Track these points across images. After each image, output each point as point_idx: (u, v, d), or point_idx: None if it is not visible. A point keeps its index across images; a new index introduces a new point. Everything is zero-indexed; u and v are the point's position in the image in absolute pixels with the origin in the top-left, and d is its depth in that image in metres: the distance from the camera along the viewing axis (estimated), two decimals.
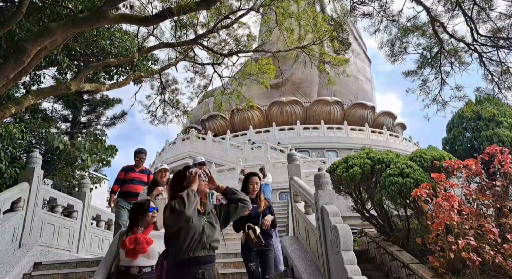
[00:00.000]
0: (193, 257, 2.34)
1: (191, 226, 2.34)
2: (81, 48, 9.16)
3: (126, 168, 6.49)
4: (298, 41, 11.35)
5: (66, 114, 15.71)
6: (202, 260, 2.37)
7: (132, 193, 6.11)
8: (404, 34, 9.28)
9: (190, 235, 2.34)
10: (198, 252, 2.36)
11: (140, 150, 6.52)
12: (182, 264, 2.33)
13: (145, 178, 6.40)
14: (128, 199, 6.13)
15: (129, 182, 6.29)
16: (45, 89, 7.46)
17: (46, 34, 5.97)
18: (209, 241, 2.41)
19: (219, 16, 9.77)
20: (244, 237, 4.24)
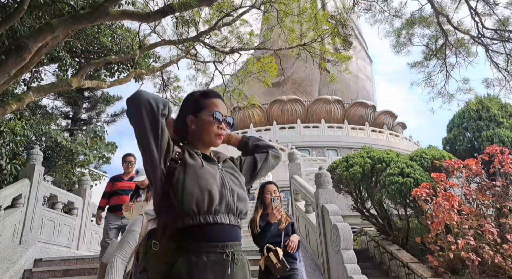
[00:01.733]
0: (212, 223, 1.31)
1: (201, 172, 1.37)
2: (82, 45, 9.15)
3: (113, 178, 5.69)
4: (300, 39, 11.33)
5: (67, 111, 15.72)
6: (228, 232, 1.35)
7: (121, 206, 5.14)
8: (409, 26, 9.26)
9: (202, 188, 1.33)
10: (221, 217, 1.34)
11: (128, 153, 5.70)
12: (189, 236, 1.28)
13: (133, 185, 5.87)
14: (118, 213, 5.21)
15: (116, 194, 5.40)
16: (46, 86, 7.46)
17: (48, 30, 5.96)
18: (235, 200, 1.40)
19: (221, 13, 9.75)
20: (264, 262, 3.32)
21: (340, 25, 11.18)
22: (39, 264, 6.50)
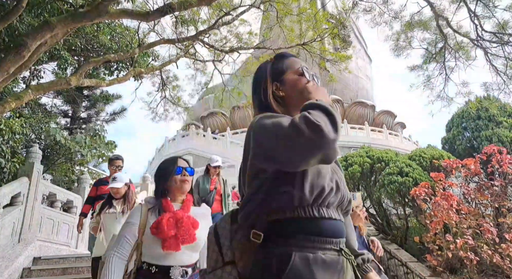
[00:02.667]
0: (326, 217, 1.13)
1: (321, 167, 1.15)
2: (82, 43, 9.14)
3: (98, 181, 5.28)
4: (299, 38, 11.33)
5: (66, 109, 15.71)
6: (340, 228, 1.18)
7: None
8: (408, 29, 9.28)
9: (323, 175, 1.15)
10: (333, 211, 1.17)
11: (116, 156, 5.27)
12: (301, 229, 1.09)
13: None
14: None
15: (101, 199, 4.77)
16: (45, 84, 7.45)
17: (46, 28, 5.95)
18: (346, 197, 1.23)
19: (220, 13, 9.73)
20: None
21: (340, 25, 11.18)
22: (38, 262, 6.50)
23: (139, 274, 1.84)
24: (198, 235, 1.91)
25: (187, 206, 2.03)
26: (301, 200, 1.10)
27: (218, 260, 1.15)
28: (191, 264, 1.94)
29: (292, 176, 1.10)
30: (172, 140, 28.59)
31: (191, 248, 1.93)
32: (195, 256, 1.99)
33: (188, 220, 1.90)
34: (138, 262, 1.88)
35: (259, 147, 1.11)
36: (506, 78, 8.80)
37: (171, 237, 1.82)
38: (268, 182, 1.13)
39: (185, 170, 2.09)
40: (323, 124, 0.99)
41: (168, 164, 2.13)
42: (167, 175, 2.08)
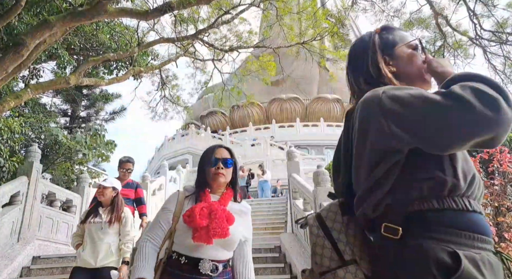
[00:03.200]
0: (477, 212, 0.96)
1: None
2: (81, 42, 9.12)
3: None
4: (299, 37, 11.31)
5: (65, 108, 15.70)
6: (488, 225, 1.01)
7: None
8: (408, 27, 9.28)
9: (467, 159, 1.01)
10: (479, 206, 1.00)
11: (127, 159, 4.97)
12: (441, 223, 0.91)
13: (131, 193, 4.90)
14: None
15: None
16: (44, 83, 7.44)
17: (45, 27, 5.94)
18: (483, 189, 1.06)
19: (220, 11, 9.72)
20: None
21: (339, 24, 11.17)
22: (37, 262, 6.50)
23: (168, 263, 1.76)
24: (232, 231, 1.76)
25: (224, 199, 1.89)
26: (454, 189, 0.92)
27: (333, 258, 0.98)
28: (223, 260, 1.81)
29: (438, 159, 0.92)
30: (172, 139, 28.58)
31: (224, 244, 1.78)
32: (228, 254, 1.85)
33: (223, 213, 1.76)
34: (169, 251, 1.79)
35: (398, 122, 0.90)
36: (505, 77, 8.80)
37: (203, 228, 1.69)
38: (402, 167, 0.94)
39: (221, 162, 1.92)
40: (500, 99, 0.82)
41: (205, 154, 2.00)
42: (204, 165, 1.97)
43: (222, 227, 1.70)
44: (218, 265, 1.77)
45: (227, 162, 1.95)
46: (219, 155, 1.95)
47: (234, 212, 1.84)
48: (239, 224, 1.85)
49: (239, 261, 1.93)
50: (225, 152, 2.00)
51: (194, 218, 1.69)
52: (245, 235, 1.94)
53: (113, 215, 3.53)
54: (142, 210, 5.05)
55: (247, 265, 1.93)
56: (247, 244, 1.96)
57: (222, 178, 1.92)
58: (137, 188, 5.03)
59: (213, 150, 1.99)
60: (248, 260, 1.95)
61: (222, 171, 1.92)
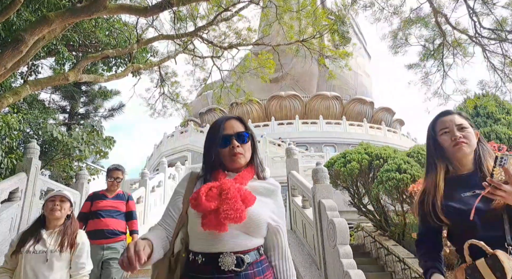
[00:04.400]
0: None
1: None
2: (80, 39, 9.09)
3: (93, 195, 4.40)
4: (298, 35, 11.30)
5: (64, 105, 15.66)
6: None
7: (105, 232, 4.03)
8: (407, 25, 9.29)
9: None
10: None
11: (115, 166, 4.48)
12: None
13: (122, 206, 4.37)
14: (98, 242, 3.93)
15: (97, 216, 4.12)
16: (43, 80, 7.41)
17: (44, 23, 5.92)
18: None
19: (219, 8, 9.69)
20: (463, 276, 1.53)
21: (339, 21, 11.16)
22: None
23: (187, 266, 1.45)
24: (252, 213, 1.40)
25: (242, 177, 1.50)
26: None
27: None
28: (250, 249, 1.42)
29: None
30: (171, 136, 28.57)
31: (246, 229, 1.41)
32: (256, 240, 1.45)
33: (238, 192, 1.39)
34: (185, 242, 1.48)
35: None
36: (504, 75, 8.81)
37: (211, 211, 1.35)
38: None
39: (235, 138, 1.53)
40: None
41: (212, 132, 1.58)
42: (211, 149, 1.55)
43: (235, 208, 1.33)
44: (244, 256, 1.39)
45: (244, 137, 1.55)
46: (230, 129, 1.55)
47: (256, 192, 1.48)
48: (263, 205, 1.48)
49: (272, 251, 1.53)
50: (237, 123, 1.59)
51: (200, 200, 1.35)
52: (275, 218, 1.51)
53: (64, 239, 2.59)
54: (133, 226, 4.36)
55: (284, 256, 1.53)
56: (280, 230, 1.53)
57: (241, 159, 1.52)
58: (128, 200, 4.45)
59: (219, 125, 1.56)
60: (284, 249, 1.54)
61: (240, 150, 1.52)
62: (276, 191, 1.59)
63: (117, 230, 4.11)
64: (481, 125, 14.73)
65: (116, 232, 4.09)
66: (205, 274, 1.36)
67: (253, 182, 1.55)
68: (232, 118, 1.62)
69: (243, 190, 1.41)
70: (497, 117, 14.62)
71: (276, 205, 1.55)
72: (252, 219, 1.40)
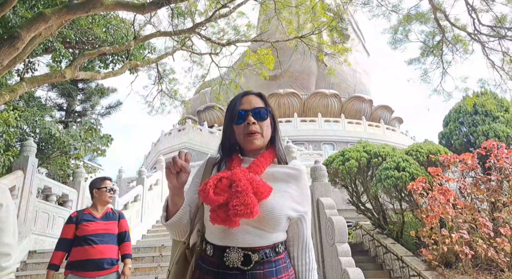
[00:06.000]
0: None
1: None
2: (76, 36, 9.02)
3: (77, 216, 3.50)
4: (297, 31, 11.25)
5: (61, 102, 15.59)
6: None
7: (99, 262, 3.28)
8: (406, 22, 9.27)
9: None
10: None
11: (103, 177, 3.76)
12: None
13: (114, 227, 3.55)
14: (90, 275, 3.23)
15: (88, 241, 3.33)
16: (40, 77, 7.35)
17: (41, 20, 5.85)
18: None
19: (217, 5, 9.62)
20: None
21: (338, 18, 11.11)
22: (34, 256, 6.48)
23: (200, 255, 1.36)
24: (267, 207, 1.26)
25: (257, 164, 1.33)
26: None
27: None
28: (261, 246, 1.27)
29: None
30: (168, 134, 28.50)
31: (260, 224, 1.26)
32: (272, 237, 1.30)
33: (250, 183, 1.22)
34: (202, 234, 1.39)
35: None
36: (503, 72, 8.80)
37: (221, 206, 1.22)
38: None
39: (251, 114, 1.38)
40: None
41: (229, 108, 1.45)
42: (227, 128, 1.43)
43: (246, 203, 1.18)
44: (254, 254, 1.25)
45: (260, 113, 1.40)
46: (247, 105, 1.40)
47: (274, 179, 1.34)
48: (282, 195, 1.32)
49: (292, 242, 1.39)
50: (255, 99, 1.45)
51: (208, 193, 1.23)
52: (297, 208, 1.35)
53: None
54: (127, 249, 3.61)
55: (305, 247, 1.38)
56: (303, 220, 1.37)
57: (257, 140, 1.37)
58: (120, 219, 3.66)
59: (235, 101, 1.43)
60: (306, 240, 1.38)
61: (256, 128, 1.37)
62: (299, 176, 1.40)
63: (113, 259, 3.38)
64: (480, 123, 14.73)
65: (113, 261, 3.36)
66: (213, 267, 1.29)
67: (272, 168, 1.38)
68: (251, 93, 1.48)
69: (256, 181, 1.24)
70: (496, 115, 14.61)
71: (299, 191, 1.38)
72: (267, 214, 1.25)
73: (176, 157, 1.23)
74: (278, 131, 1.48)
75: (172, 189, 1.29)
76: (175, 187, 1.27)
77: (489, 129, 13.80)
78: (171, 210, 1.34)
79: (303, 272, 1.36)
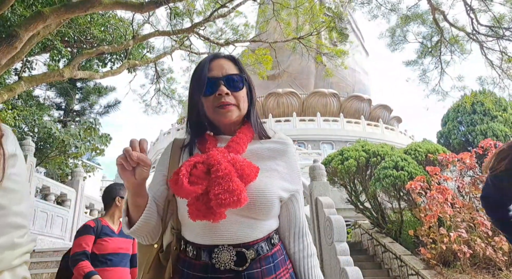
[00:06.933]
0: None
1: None
2: (75, 35, 9.00)
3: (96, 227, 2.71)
4: (296, 32, 11.25)
5: (59, 101, 15.56)
6: None
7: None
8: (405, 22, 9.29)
9: None
10: None
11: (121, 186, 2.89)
12: None
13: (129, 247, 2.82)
14: None
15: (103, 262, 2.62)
16: (38, 76, 7.33)
17: (39, 19, 5.84)
18: None
19: (216, 5, 9.62)
20: None
21: (337, 18, 11.12)
22: (32, 255, 6.47)
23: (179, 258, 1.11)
24: (256, 190, 1.05)
25: (237, 142, 1.11)
26: None
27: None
28: (256, 240, 1.06)
29: None
30: (167, 133, 28.49)
31: (249, 211, 1.05)
32: (265, 226, 1.09)
33: (233, 165, 1.01)
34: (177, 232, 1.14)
35: None
36: (501, 72, 8.82)
37: (199, 197, 0.99)
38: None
39: (224, 82, 1.13)
40: None
41: (193, 79, 1.18)
42: (194, 95, 1.17)
43: (231, 189, 0.96)
44: (248, 251, 1.03)
45: (235, 81, 1.15)
46: (217, 71, 1.15)
47: (259, 157, 1.13)
48: (270, 174, 1.11)
49: (287, 231, 1.16)
50: (228, 63, 1.19)
51: (181, 183, 0.98)
52: (287, 187, 1.13)
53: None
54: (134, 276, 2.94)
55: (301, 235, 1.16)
56: (296, 201, 1.17)
57: (232, 112, 1.13)
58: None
59: (202, 66, 1.16)
60: (301, 226, 1.17)
61: (230, 99, 1.13)
62: (286, 150, 1.19)
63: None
64: (478, 123, 14.76)
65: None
66: (197, 271, 1.03)
67: (253, 144, 1.16)
68: (222, 57, 1.20)
69: (239, 162, 1.03)
70: (494, 114, 14.65)
71: (287, 168, 1.16)
72: (257, 198, 1.04)
73: (129, 149, 0.95)
74: (255, 103, 1.24)
75: (131, 188, 1.02)
76: (134, 186, 1.00)
77: (487, 128, 13.85)
78: (133, 214, 1.07)
79: (300, 259, 1.14)
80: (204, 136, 1.18)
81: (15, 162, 0.92)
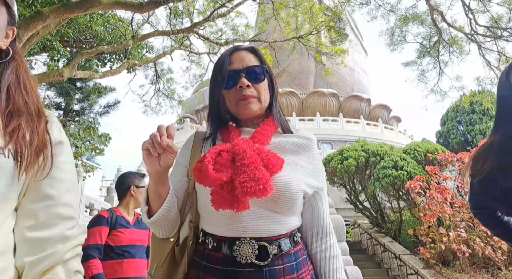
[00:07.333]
0: None
1: None
2: (74, 34, 9.00)
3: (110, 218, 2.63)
4: (295, 31, 11.26)
5: (59, 101, 15.53)
6: None
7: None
8: (403, 23, 9.31)
9: None
10: None
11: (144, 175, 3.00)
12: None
13: (146, 239, 2.74)
14: None
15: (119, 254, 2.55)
16: (38, 76, 7.33)
17: (39, 19, 5.84)
18: None
19: (216, 4, 9.62)
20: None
21: (336, 18, 11.13)
22: None
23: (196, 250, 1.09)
24: (281, 182, 1.02)
25: (261, 134, 1.10)
26: None
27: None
28: (279, 235, 1.03)
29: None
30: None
31: (274, 205, 1.02)
32: (288, 223, 1.06)
33: (258, 155, 1.00)
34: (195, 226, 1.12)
35: None
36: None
37: (223, 185, 0.97)
38: None
39: (244, 74, 1.13)
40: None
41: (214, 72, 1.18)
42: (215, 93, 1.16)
43: (257, 178, 0.94)
44: (271, 246, 1.00)
45: (256, 73, 1.15)
46: (238, 63, 1.15)
47: (283, 150, 1.11)
48: (295, 168, 1.09)
49: (310, 230, 1.13)
50: (248, 55, 1.19)
51: (206, 170, 0.97)
52: (312, 183, 1.11)
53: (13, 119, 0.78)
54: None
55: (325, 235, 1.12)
56: (320, 199, 1.14)
57: (253, 104, 1.13)
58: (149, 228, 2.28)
59: (223, 59, 1.16)
60: (325, 225, 1.13)
61: (251, 91, 1.13)
62: (310, 146, 1.18)
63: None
64: (477, 122, 14.79)
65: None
66: (216, 264, 1.00)
67: (277, 137, 1.15)
68: (242, 49, 1.20)
69: (265, 152, 1.01)
70: (493, 114, 14.69)
71: (311, 163, 1.14)
72: (282, 190, 1.01)
73: (157, 135, 0.94)
74: (277, 95, 1.26)
75: (154, 175, 1.01)
76: (158, 173, 1.00)
77: (486, 128, 13.87)
78: (154, 203, 1.06)
79: (322, 260, 1.09)
80: (227, 127, 1.17)
81: (62, 150, 0.88)
